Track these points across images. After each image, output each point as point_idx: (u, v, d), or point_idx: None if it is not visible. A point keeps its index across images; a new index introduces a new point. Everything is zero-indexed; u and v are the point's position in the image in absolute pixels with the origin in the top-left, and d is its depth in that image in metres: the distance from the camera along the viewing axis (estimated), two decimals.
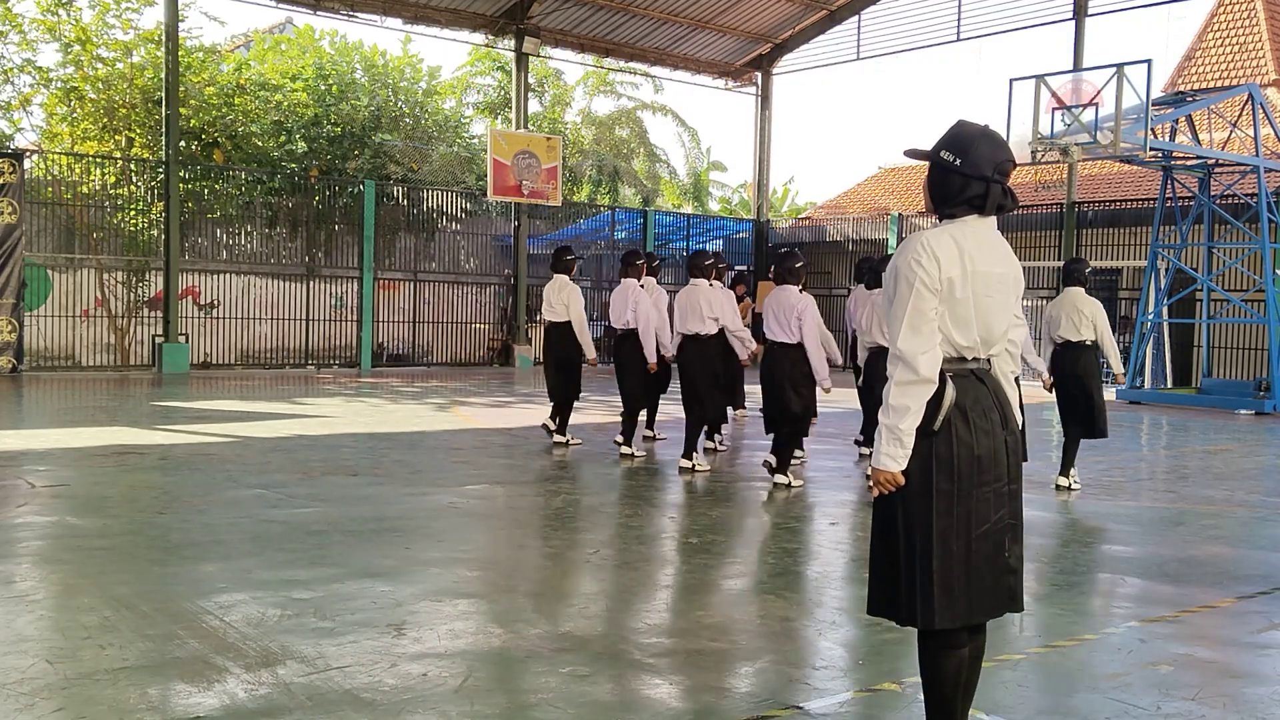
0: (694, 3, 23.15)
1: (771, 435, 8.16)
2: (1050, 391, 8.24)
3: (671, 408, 10.69)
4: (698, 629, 4.41)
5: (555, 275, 9.87)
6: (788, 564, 5.73)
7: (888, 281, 3.01)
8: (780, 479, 7.98)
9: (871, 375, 8.45)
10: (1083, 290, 8.02)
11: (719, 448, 9.91)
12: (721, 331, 8.74)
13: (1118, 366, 8.23)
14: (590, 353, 9.68)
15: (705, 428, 9.37)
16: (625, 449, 9.31)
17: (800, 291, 7.97)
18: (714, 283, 9.05)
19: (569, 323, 9.64)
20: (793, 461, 8.44)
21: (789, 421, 7.96)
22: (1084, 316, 7.91)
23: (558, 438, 9.81)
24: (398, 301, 21.69)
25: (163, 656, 3.83)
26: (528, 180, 21.44)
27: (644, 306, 9.24)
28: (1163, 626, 4.64)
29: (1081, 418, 8.02)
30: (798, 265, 8.04)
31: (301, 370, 19.81)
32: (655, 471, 8.80)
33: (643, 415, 10.02)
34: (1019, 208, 3.21)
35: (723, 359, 8.89)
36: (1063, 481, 8.11)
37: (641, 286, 9.54)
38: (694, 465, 8.55)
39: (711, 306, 8.61)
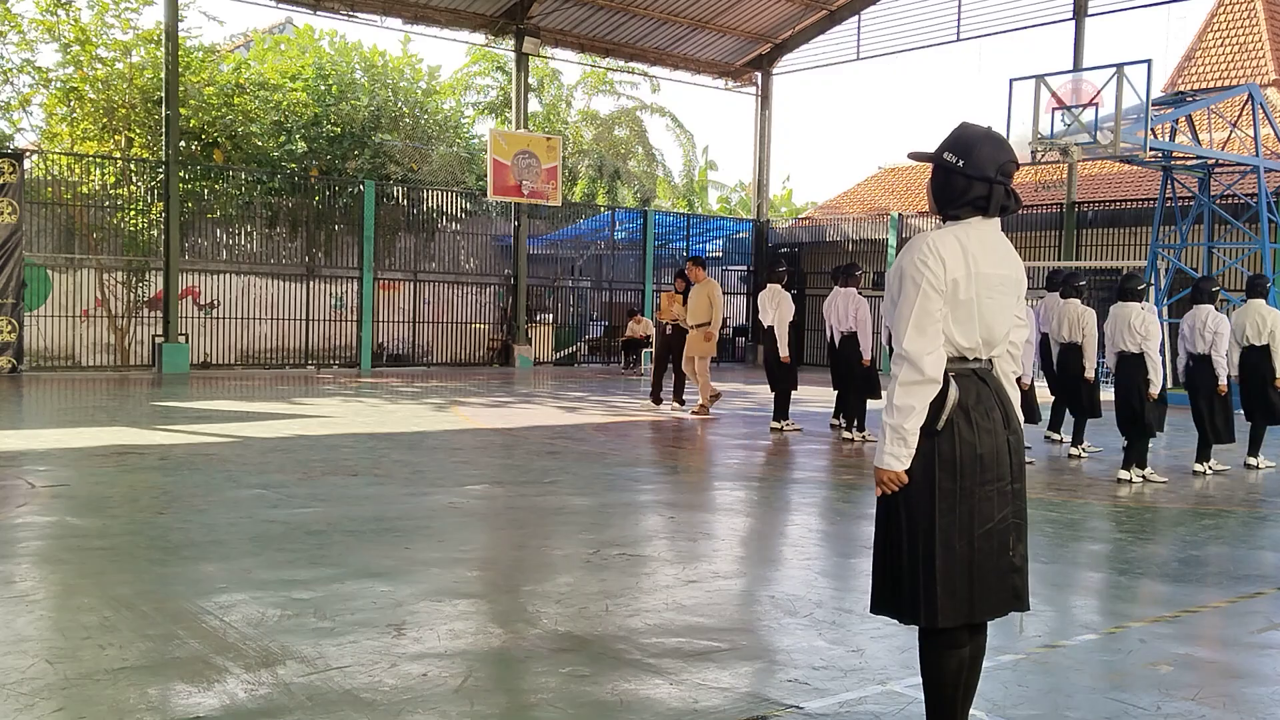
0: (694, 3, 23.15)
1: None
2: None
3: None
4: (698, 629, 4.40)
5: (769, 284, 11.56)
6: (788, 564, 5.73)
7: (892, 282, 3.01)
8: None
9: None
10: (1264, 301, 9.51)
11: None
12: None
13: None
14: (784, 352, 11.28)
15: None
16: (848, 434, 10.90)
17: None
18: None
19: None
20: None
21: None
22: (1265, 324, 9.35)
23: (773, 424, 11.43)
24: (398, 301, 21.69)
25: (163, 656, 3.82)
26: (528, 180, 21.44)
27: (863, 313, 10.82)
28: (1163, 626, 4.64)
29: (1264, 408, 9.50)
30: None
31: (301, 370, 19.81)
32: (655, 471, 8.80)
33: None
34: (1021, 207, 3.21)
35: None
36: (1252, 461, 9.67)
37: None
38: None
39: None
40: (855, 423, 10.90)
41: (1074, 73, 16.36)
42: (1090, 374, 9.90)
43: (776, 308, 11.38)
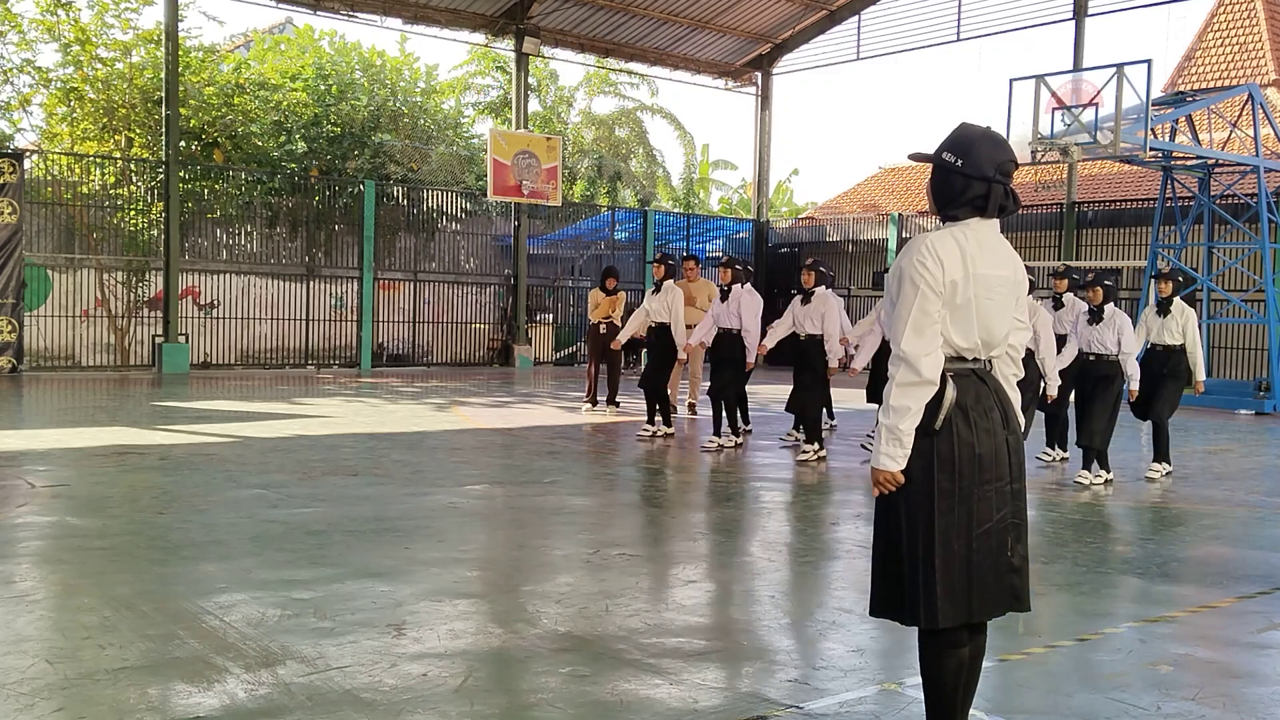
0: (694, 3, 23.15)
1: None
2: None
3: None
4: (698, 629, 4.41)
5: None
6: (788, 564, 5.73)
7: (891, 283, 3.01)
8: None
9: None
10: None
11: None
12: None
13: None
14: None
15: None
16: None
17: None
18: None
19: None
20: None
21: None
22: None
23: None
24: (398, 301, 21.69)
25: (163, 656, 3.82)
26: (528, 180, 21.44)
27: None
28: (1163, 626, 4.64)
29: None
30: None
31: (301, 370, 19.81)
32: (655, 472, 8.80)
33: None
34: (1020, 208, 3.21)
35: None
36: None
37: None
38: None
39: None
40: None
41: (1074, 73, 16.37)
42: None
43: (670, 306, 10.67)
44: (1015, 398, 3.14)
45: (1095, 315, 8.48)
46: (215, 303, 19.48)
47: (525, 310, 22.71)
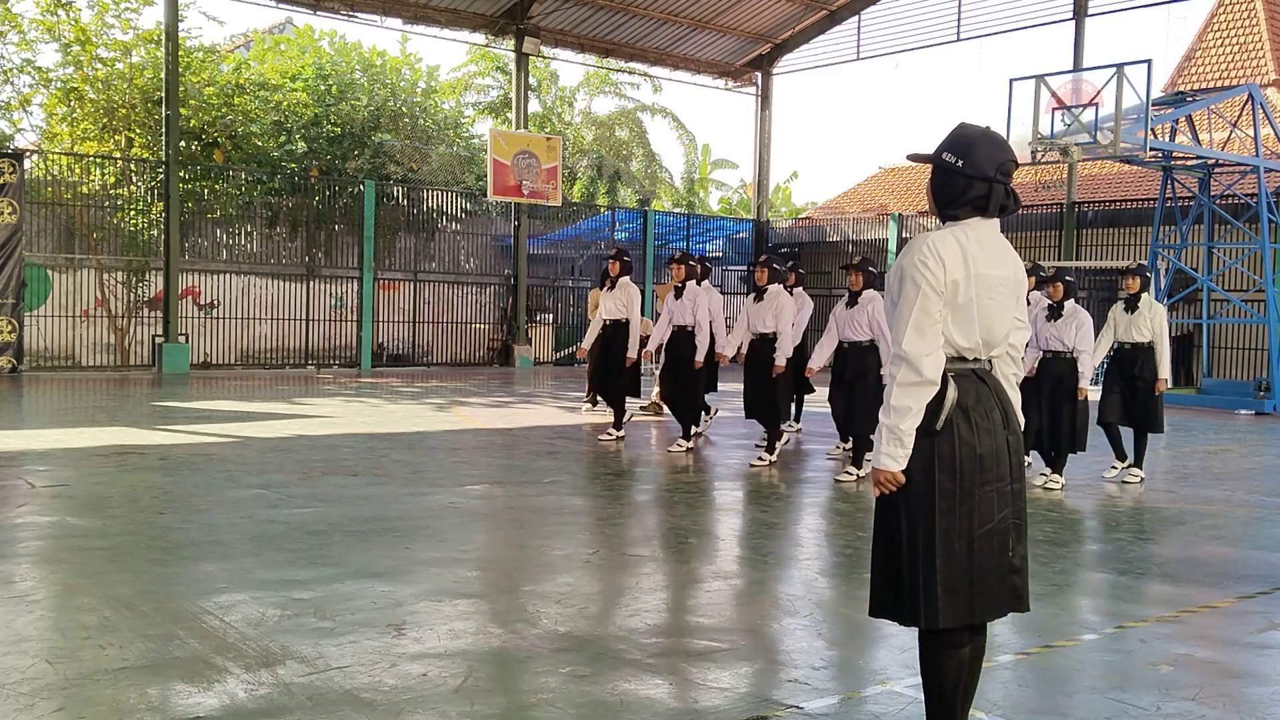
0: (694, 3, 23.16)
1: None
2: None
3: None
4: (697, 629, 4.40)
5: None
6: (788, 564, 5.73)
7: (891, 283, 3.01)
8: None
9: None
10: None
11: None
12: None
13: None
14: (698, 358, 9.80)
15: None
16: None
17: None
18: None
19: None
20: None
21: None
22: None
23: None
24: (398, 301, 21.69)
25: (163, 656, 3.82)
26: (528, 180, 21.44)
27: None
28: (1163, 626, 4.64)
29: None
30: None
31: (301, 370, 19.81)
32: (655, 471, 8.80)
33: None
34: (1021, 207, 3.21)
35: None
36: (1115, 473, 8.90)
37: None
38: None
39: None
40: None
41: (1074, 73, 16.37)
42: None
43: (628, 303, 10.28)
44: (1015, 397, 3.14)
45: (1054, 311, 8.29)
46: (215, 303, 19.49)
47: (525, 310, 22.71)
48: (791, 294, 9.67)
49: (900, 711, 3.55)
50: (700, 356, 9.72)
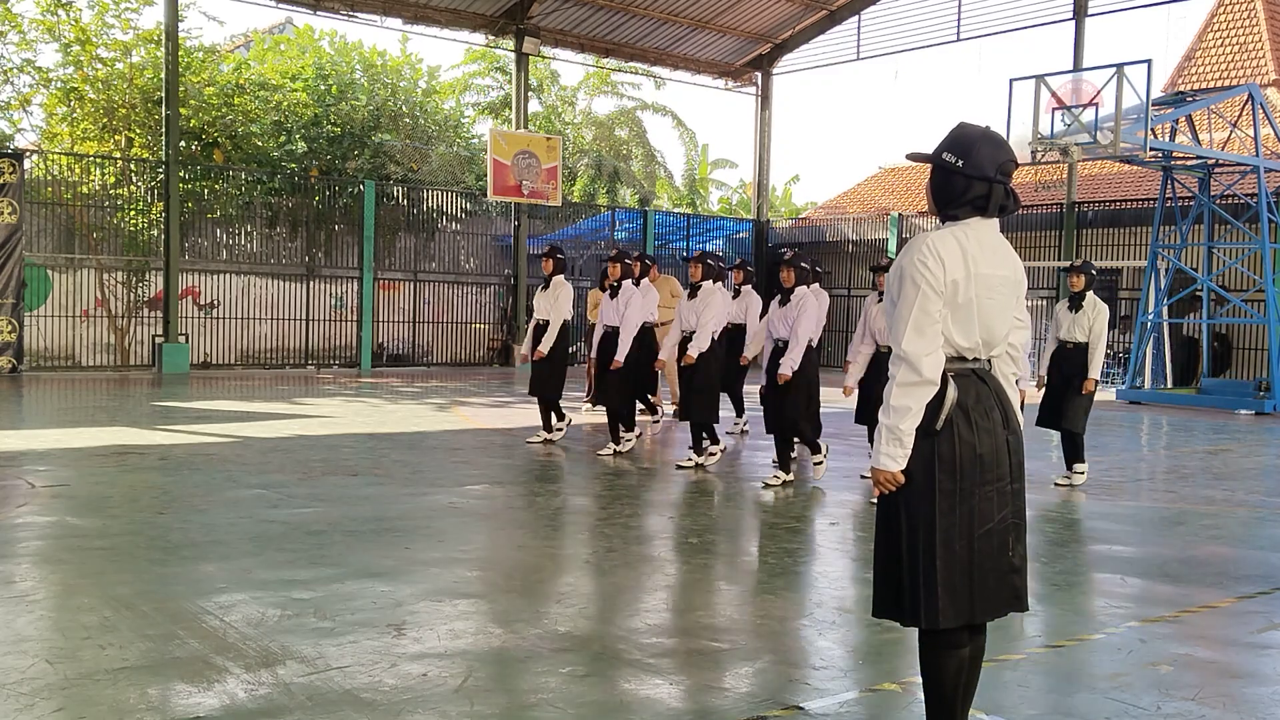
0: (694, 3, 23.15)
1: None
2: None
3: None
4: (697, 629, 4.40)
5: (554, 276, 9.89)
6: (788, 564, 5.73)
7: (891, 282, 3.01)
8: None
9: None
10: None
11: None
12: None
13: None
14: (544, 349, 9.56)
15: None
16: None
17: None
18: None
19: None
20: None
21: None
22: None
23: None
24: (398, 301, 21.69)
25: (163, 656, 3.82)
26: (528, 180, 21.44)
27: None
28: (1163, 626, 4.64)
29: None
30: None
31: (301, 370, 19.81)
32: (654, 472, 8.80)
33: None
34: (1020, 207, 3.21)
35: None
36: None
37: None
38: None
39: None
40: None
41: (1074, 73, 16.37)
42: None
43: (555, 302, 9.83)
44: (1015, 397, 3.14)
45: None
46: (215, 303, 19.49)
47: (526, 310, 22.71)
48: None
49: (900, 711, 3.55)
50: (621, 356, 9.17)
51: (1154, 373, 17.77)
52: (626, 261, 9.63)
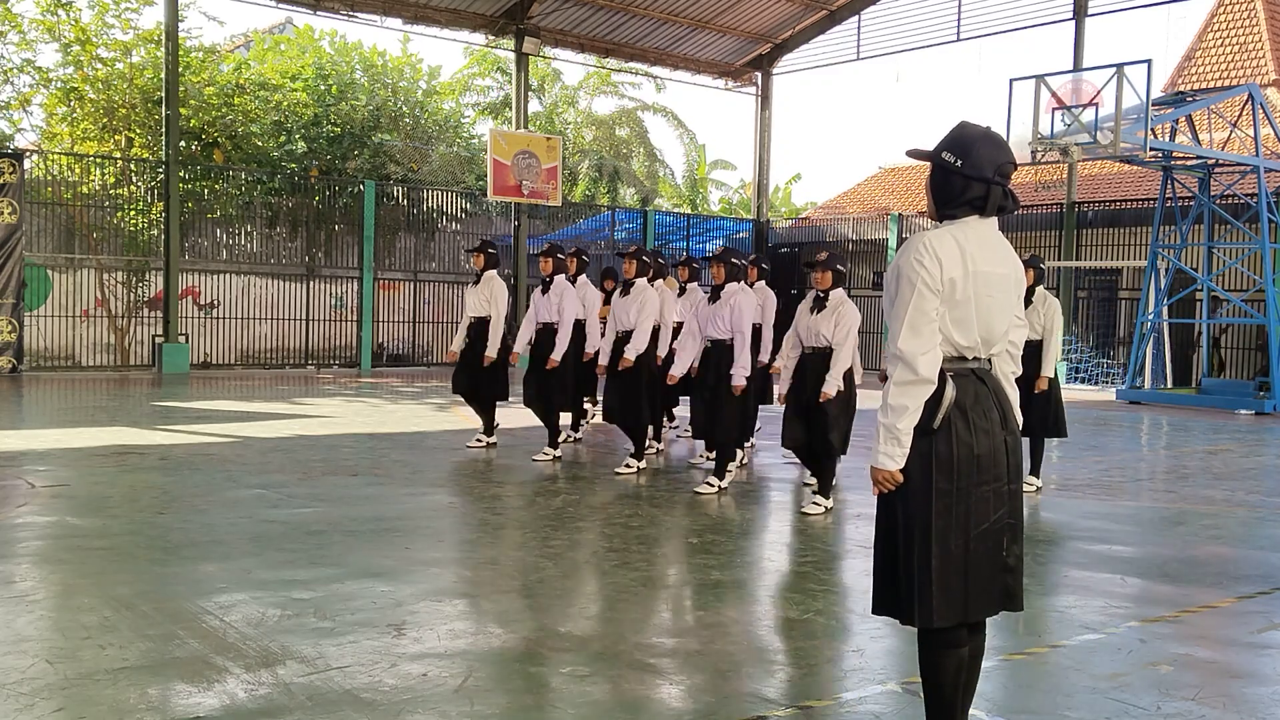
0: (694, 3, 23.15)
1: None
2: None
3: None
4: (698, 629, 4.40)
5: (486, 271, 9.65)
6: (788, 564, 5.73)
7: (889, 282, 3.01)
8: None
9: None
10: None
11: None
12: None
13: None
14: (491, 352, 9.65)
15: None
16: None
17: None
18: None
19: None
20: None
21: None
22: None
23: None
24: (398, 301, 21.70)
25: (163, 656, 3.82)
26: (528, 180, 21.44)
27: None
28: (1163, 626, 4.64)
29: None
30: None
31: (301, 370, 19.81)
32: (654, 472, 8.80)
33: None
34: (1019, 208, 3.22)
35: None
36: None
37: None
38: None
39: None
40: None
41: (1074, 73, 16.37)
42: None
43: (491, 298, 9.73)
44: (1014, 396, 3.14)
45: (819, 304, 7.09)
46: (215, 303, 19.49)
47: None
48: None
49: (900, 711, 3.55)
50: (557, 356, 9.01)
51: (1154, 373, 17.77)
52: (559, 256, 9.16)
